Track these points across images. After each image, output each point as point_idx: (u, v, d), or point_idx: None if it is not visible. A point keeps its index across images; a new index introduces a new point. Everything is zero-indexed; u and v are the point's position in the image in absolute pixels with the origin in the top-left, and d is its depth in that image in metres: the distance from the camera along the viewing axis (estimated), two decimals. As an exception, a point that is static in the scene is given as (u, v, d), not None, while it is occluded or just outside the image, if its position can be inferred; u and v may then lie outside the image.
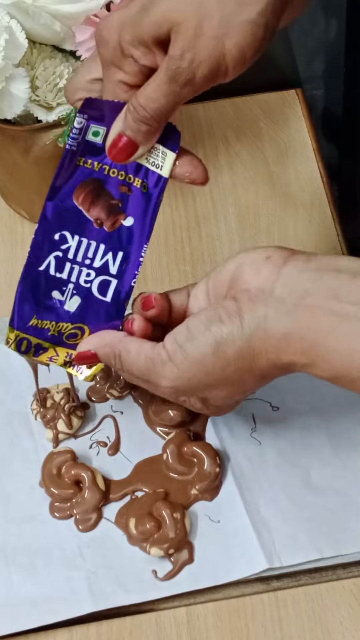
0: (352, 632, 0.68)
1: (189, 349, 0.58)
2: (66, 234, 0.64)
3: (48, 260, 0.65)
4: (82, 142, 0.63)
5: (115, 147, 0.61)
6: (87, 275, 0.65)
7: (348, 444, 0.75)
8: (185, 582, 0.70)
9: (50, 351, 0.66)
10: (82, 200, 0.64)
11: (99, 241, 0.65)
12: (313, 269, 0.57)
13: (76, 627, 0.69)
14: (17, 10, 0.76)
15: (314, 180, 0.93)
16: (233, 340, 0.57)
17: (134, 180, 0.64)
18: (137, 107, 0.59)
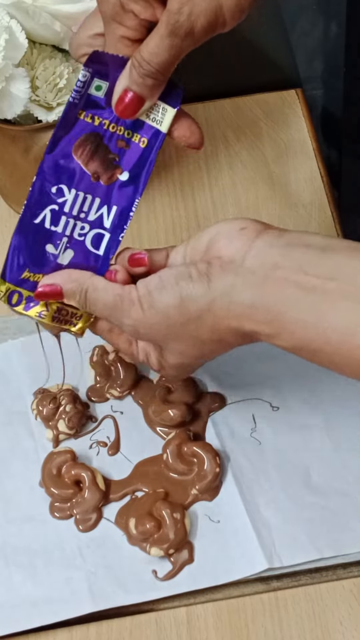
0: (352, 632, 0.68)
1: (156, 297, 0.60)
2: (63, 188, 0.65)
3: (44, 213, 0.65)
4: (85, 95, 0.63)
5: (122, 103, 0.62)
6: (81, 228, 0.65)
7: (348, 444, 0.75)
8: (185, 582, 0.70)
9: (41, 305, 0.66)
10: (81, 154, 0.64)
11: (94, 195, 0.65)
12: (284, 243, 0.58)
13: (76, 627, 0.69)
14: (17, 10, 0.76)
15: (314, 180, 0.93)
16: (197, 299, 0.59)
17: (133, 135, 0.64)
18: (141, 62, 0.60)
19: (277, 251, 0.58)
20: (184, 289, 0.59)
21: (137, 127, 0.64)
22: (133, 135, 0.64)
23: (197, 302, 0.59)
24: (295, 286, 0.56)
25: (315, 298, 0.55)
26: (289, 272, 0.57)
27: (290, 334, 0.57)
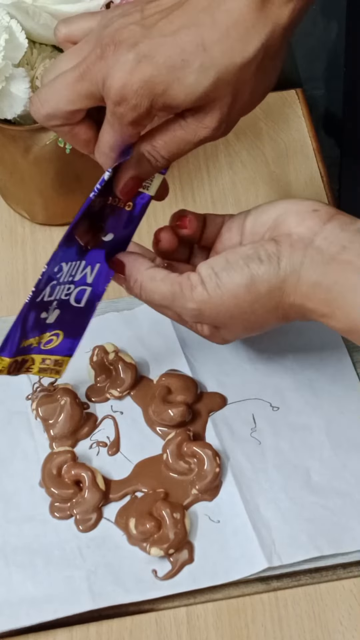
0: (352, 632, 0.68)
1: (224, 278, 0.61)
2: (62, 264, 0.66)
3: (44, 292, 0.66)
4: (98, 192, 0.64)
5: (127, 188, 0.63)
6: (67, 289, 0.68)
7: (348, 444, 0.75)
8: (185, 582, 0.70)
9: (29, 362, 0.69)
10: (80, 233, 0.65)
11: (81, 259, 0.67)
12: (355, 229, 0.60)
13: (76, 627, 0.69)
14: (17, 10, 0.76)
15: (314, 180, 0.93)
16: (268, 279, 0.60)
17: (119, 202, 0.66)
18: (158, 158, 0.61)
19: (347, 235, 0.60)
20: (255, 270, 0.60)
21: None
22: (119, 202, 0.66)
23: (269, 282, 0.60)
24: (357, 271, 0.58)
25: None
26: (353, 256, 0.59)
27: (345, 315, 0.59)
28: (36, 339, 0.69)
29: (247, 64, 0.58)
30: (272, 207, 0.64)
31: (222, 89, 0.58)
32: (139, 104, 0.57)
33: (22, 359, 0.69)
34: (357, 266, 0.59)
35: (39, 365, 0.70)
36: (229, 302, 0.61)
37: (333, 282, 0.59)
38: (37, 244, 0.91)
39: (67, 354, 0.72)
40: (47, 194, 0.88)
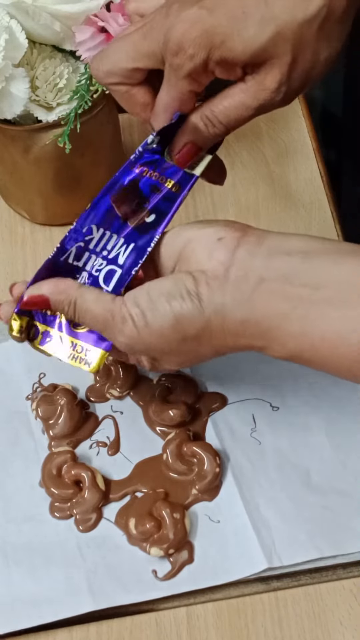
0: (352, 632, 0.68)
1: (150, 318, 0.59)
2: (92, 227, 0.65)
3: (70, 250, 0.66)
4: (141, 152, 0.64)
5: (182, 154, 0.63)
6: (99, 264, 0.66)
7: (348, 444, 0.75)
8: (185, 582, 0.70)
9: (55, 340, 0.66)
10: (116, 199, 0.65)
11: (119, 234, 0.66)
12: (264, 253, 0.58)
13: (76, 627, 0.69)
14: (17, 10, 0.76)
15: (314, 180, 0.93)
16: (192, 319, 0.59)
17: (166, 181, 0.65)
18: (216, 123, 0.60)
19: (259, 263, 0.58)
20: (177, 310, 0.58)
21: (171, 172, 0.65)
22: (166, 181, 0.65)
23: (193, 323, 0.58)
24: (282, 299, 0.56)
25: (302, 310, 0.56)
26: (274, 284, 0.57)
27: (282, 346, 0.58)
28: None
29: (308, 21, 0.57)
30: (178, 236, 0.62)
31: (281, 45, 0.57)
32: (196, 54, 0.56)
33: (45, 331, 0.66)
34: (280, 294, 0.56)
35: (66, 349, 0.67)
36: (158, 341, 0.60)
37: (261, 315, 0.57)
38: (37, 244, 0.91)
39: (101, 346, 0.66)
40: (47, 194, 0.88)
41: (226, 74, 0.58)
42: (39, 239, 0.91)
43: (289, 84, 0.58)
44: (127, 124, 0.96)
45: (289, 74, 0.58)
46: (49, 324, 0.66)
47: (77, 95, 0.79)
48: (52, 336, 0.66)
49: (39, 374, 0.80)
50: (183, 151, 0.62)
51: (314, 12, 0.57)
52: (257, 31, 0.56)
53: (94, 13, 0.77)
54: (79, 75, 0.80)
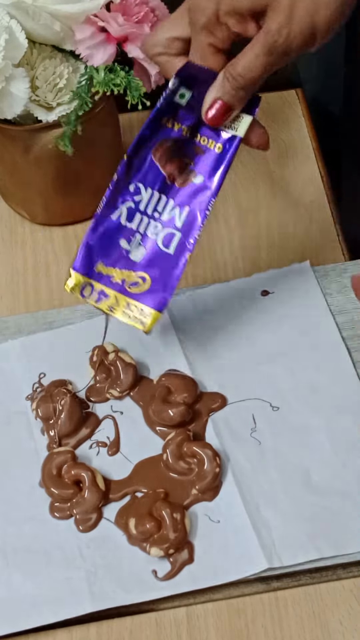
0: (352, 632, 0.68)
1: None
2: (140, 186, 0.68)
3: (120, 210, 0.68)
4: (170, 102, 0.67)
5: (212, 111, 0.66)
6: (154, 227, 0.68)
7: (348, 444, 0.75)
8: (185, 582, 0.70)
9: (111, 299, 0.69)
10: (160, 157, 0.68)
11: (169, 196, 0.68)
12: None
13: (76, 627, 0.69)
14: (17, 10, 0.76)
15: (314, 180, 0.93)
16: None
17: (208, 141, 0.68)
18: (235, 75, 0.64)
19: None
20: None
21: (213, 133, 0.68)
22: (209, 142, 0.68)
23: None
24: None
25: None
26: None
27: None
28: (118, 273, 0.69)
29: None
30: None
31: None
32: (207, 7, 0.62)
33: (101, 290, 0.69)
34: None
35: (122, 308, 0.69)
36: None
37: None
38: (37, 244, 0.91)
39: (156, 307, 0.70)
40: (47, 194, 0.88)
41: (240, 26, 0.62)
42: (39, 239, 0.91)
43: (290, 26, 0.61)
44: (127, 124, 0.96)
45: (290, 14, 0.60)
46: (106, 284, 0.68)
47: (77, 97, 0.79)
48: (108, 295, 0.69)
49: (39, 374, 0.80)
50: (213, 108, 0.65)
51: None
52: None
53: (93, 13, 0.77)
54: (79, 76, 0.80)
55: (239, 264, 0.88)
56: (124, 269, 0.69)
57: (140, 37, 0.77)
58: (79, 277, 0.68)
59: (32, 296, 0.87)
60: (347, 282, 0.84)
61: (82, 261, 0.69)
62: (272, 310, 0.82)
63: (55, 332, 0.83)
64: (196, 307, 0.84)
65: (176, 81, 0.66)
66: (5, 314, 0.86)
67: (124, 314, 0.69)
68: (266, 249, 0.89)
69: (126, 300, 0.69)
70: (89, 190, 0.89)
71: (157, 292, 0.70)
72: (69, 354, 0.81)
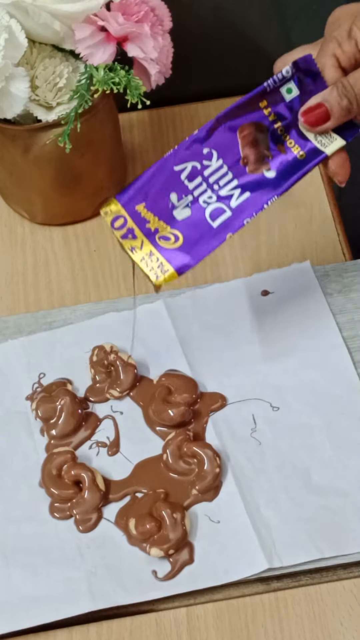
0: (353, 633, 0.68)
1: None
2: (214, 153, 0.67)
3: (185, 165, 0.67)
4: (276, 90, 0.67)
5: (312, 112, 0.66)
6: (208, 197, 0.68)
7: (348, 444, 0.75)
8: (185, 582, 0.70)
9: (137, 241, 0.68)
10: (243, 135, 0.67)
11: (235, 175, 0.68)
12: None
13: (76, 627, 0.69)
14: (17, 9, 0.76)
15: (314, 180, 0.93)
16: None
17: (294, 145, 0.68)
18: (347, 86, 0.64)
19: None
20: None
21: (302, 141, 0.68)
22: (294, 146, 0.68)
23: None
24: None
25: None
26: None
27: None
28: (155, 221, 0.68)
29: None
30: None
31: None
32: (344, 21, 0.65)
33: (131, 227, 0.68)
34: None
35: (143, 253, 0.68)
36: None
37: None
38: (37, 244, 0.91)
39: (176, 268, 0.68)
40: (47, 194, 0.88)
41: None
42: (39, 239, 0.91)
43: None
44: (127, 124, 0.96)
45: None
46: (139, 225, 0.68)
47: (77, 95, 0.79)
48: (136, 236, 0.68)
49: (38, 374, 0.80)
50: (311, 109, 0.66)
51: None
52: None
53: (93, 12, 0.76)
54: (79, 75, 0.80)
55: (239, 264, 0.88)
56: (163, 220, 0.68)
57: (140, 37, 0.77)
58: (117, 206, 0.67)
59: (32, 296, 0.87)
60: (348, 282, 0.84)
61: (128, 193, 0.67)
62: (272, 310, 0.82)
63: (55, 332, 0.83)
64: (196, 307, 0.84)
65: (291, 71, 0.66)
66: (5, 314, 0.86)
67: (142, 260, 0.68)
68: (266, 249, 0.89)
69: (150, 249, 0.67)
70: (89, 190, 0.89)
71: (184, 255, 0.68)
72: (69, 354, 0.81)
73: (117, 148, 0.91)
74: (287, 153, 0.68)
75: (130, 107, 0.78)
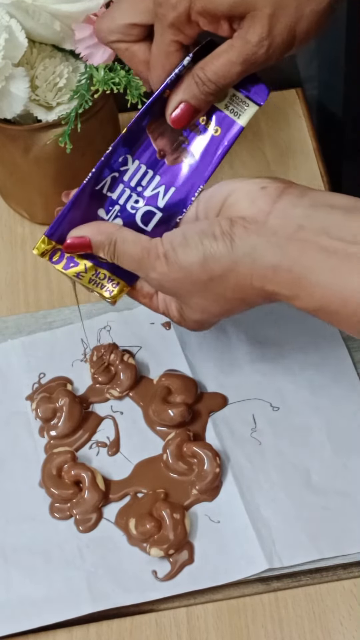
0: (353, 633, 0.68)
1: (180, 254, 0.61)
2: (128, 157, 0.66)
3: (104, 180, 0.66)
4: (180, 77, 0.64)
5: (177, 112, 0.63)
6: (135, 201, 0.66)
7: (348, 444, 0.75)
8: (185, 582, 0.70)
9: (80, 266, 0.67)
10: (153, 129, 0.65)
11: (155, 172, 0.66)
12: (307, 204, 0.58)
13: (76, 627, 0.69)
14: (17, 9, 0.76)
15: (314, 180, 0.93)
16: (220, 258, 0.59)
17: (207, 122, 0.65)
18: (205, 81, 0.61)
19: (300, 212, 0.58)
20: (207, 248, 0.59)
21: (214, 115, 0.65)
22: (207, 123, 0.65)
23: (220, 262, 0.59)
24: (318, 249, 0.56)
25: (336, 261, 0.56)
26: (311, 234, 0.57)
27: (310, 295, 0.57)
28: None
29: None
30: (221, 188, 0.63)
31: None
32: (178, 3, 0.59)
33: (70, 256, 0.67)
34: (316, 244, 0.56)
35: (89, 275, 0.67)
36: (185, 278, 0.61)
37: (293, 262, 0.57)
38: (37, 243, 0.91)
39: (124, 279, 0.68)
40: (47, 193, 0.88)
41: (211, 26, 0.60)
42: (39, 239, 0.91)
43: (271, 38, 0.59)
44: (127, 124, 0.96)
45: (271, 26, 0.58)
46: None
47: (77, 95, 0.79)
48: (78, 262, 0.67)
49: (38, 374, 0.80)
50: (177, 111, 0.63)
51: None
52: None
53: (93, 12, 0.76)
54: (79, 75, 0.80)
55: (239, 263, 0.88)
56: None
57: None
58: (50, 243, 0.66)
59: (32, 296, 0.87)
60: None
61: (56, 228, 0.66)
62: (272, 310, 0.82)
63: (55, 332, 0.83)
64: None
65: (190, 59, 0.63)
66: (5, 313, 0.86)
67: (91, 282, 0.67)
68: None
69: (95, 269, 0.67)
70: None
71: None
72: (69, 353, 0.81)
73: (117, 148, 0.91)
74: (202, 132, 0.66)
75: (130, 107, 0.78)
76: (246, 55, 0.59)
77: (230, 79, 0.61)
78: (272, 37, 0.59)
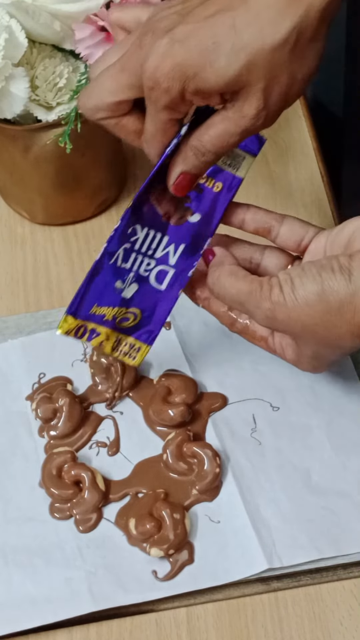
0: (353, 633, 0.68)
1: (297, 284, 0.61)
2: (137, 227, 0.66)
3: (117, 254, 0.66)
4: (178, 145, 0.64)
5: (179, 184, 0.63)
6: (147, 265, 0.67)
7: (348, 444, 0.75)
8: (185, 582, 0.70)
9: (102, 336, 0.68)
10: (156, 197, 0.66)
11: (163, 233, 0.67)
12: None
13: (76, 627, 0.69)
14: (17, 9, 0.76)
15: (314, 180, 0.93)
16: (338, 290, 0.59)
17: (207, 180, 0.66)
18: (203, 151, 0.61)
19: None
20: (326, 280, 0.60)
21: (213, 172, 0.67)
22: (207, 180, 0.67)
23: (338, 294, 0.59)
24: None
25: None
26: None
27: None
28: (110, 311, 0.68)
29: (279, 46, 0.57)
30: (347, 225, 0.64)
31: (254, 72, 0.57)
32: (171, 87, 0.57)
33: (92, 328, 0.68)
34: None
35: (112, 343, 0.69)
36: (301, 310, 0.61)
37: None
38: (37, 244, 0.91)
39: (144, 341, 0.70)
40: (47, 193, 0.88)
41: (205, 102, 0.59)
42: (39, 239, 0.91)
43: (267, 108, 0.59)
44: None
45: (266, 99, 0.58)
46: (97, 322, 0.67)
47: (77, 95, 0.79)
48: (99, 333, 0.68)
49: (38, 374, 0.80)
50: (178, 181, 0.63)
51: (283, 37, 0.56)
52: (228, 61, 0.56)
53: (93, 12, 0.76)
54: (79, 75, 0.80)
55: (239, 264, 0.88)
56: (116, 307, 0.68)
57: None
58: (74, 321, 0.67)
59: (32, 296, 0.87)
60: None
61: (77, 306, 0.67)
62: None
63: (55, 332, 0.83)
64: (196, 307, 0.83)
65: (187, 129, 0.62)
66: (5, 314, 0.86)
67: (114, 350, 0.69)
68: (266, 248, 0.88)
69: (117, 336, 0.68)
70: (89, 190, 0.89)
71: (146, 326, 0.70)
72: (69, 353, 0.81)
73: (117, 148, 0.91)
74: (204, 191, 0.67)
75: (130, 107, 0.78)
76: (244, 127, 0.59)
77: (228, 147, 0.61)
78: (268, 108, 0.59)
